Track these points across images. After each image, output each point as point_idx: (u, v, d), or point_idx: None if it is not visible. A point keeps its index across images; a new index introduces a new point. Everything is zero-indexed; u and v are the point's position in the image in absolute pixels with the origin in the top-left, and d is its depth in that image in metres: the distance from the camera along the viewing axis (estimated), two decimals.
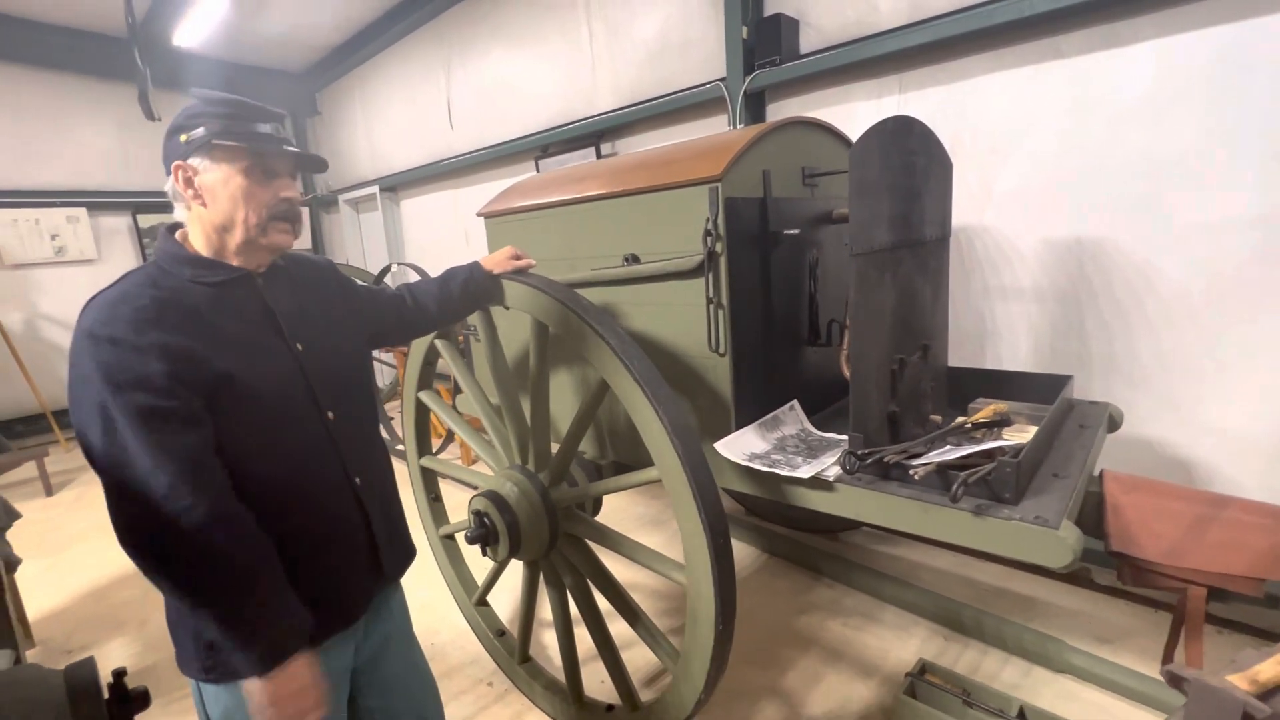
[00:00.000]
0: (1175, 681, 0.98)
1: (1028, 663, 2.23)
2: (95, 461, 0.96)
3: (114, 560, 3.57)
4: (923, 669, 2.08)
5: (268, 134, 1.13)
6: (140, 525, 0.96)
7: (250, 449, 1.08)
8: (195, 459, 0.98)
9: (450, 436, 4.72)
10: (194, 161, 1.10)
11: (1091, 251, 2.52)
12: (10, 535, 2.63)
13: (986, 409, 1.86)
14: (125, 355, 0.96)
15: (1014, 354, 2.79)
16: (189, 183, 1.11)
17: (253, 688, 1.01)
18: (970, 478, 1.37)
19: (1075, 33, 2.46)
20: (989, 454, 1.51)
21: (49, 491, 4.80)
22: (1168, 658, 1.54)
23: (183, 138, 1.10)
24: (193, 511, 0.95)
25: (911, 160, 1.76)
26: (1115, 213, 2.45)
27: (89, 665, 1.23)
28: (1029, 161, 2.63)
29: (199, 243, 1.14)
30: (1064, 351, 2.65)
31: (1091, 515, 1.62)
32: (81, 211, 6.46)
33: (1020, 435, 1.77)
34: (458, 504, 2.81)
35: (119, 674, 1.24)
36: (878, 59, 2.92)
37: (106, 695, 1.22)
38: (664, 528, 3.54)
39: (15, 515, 2.64)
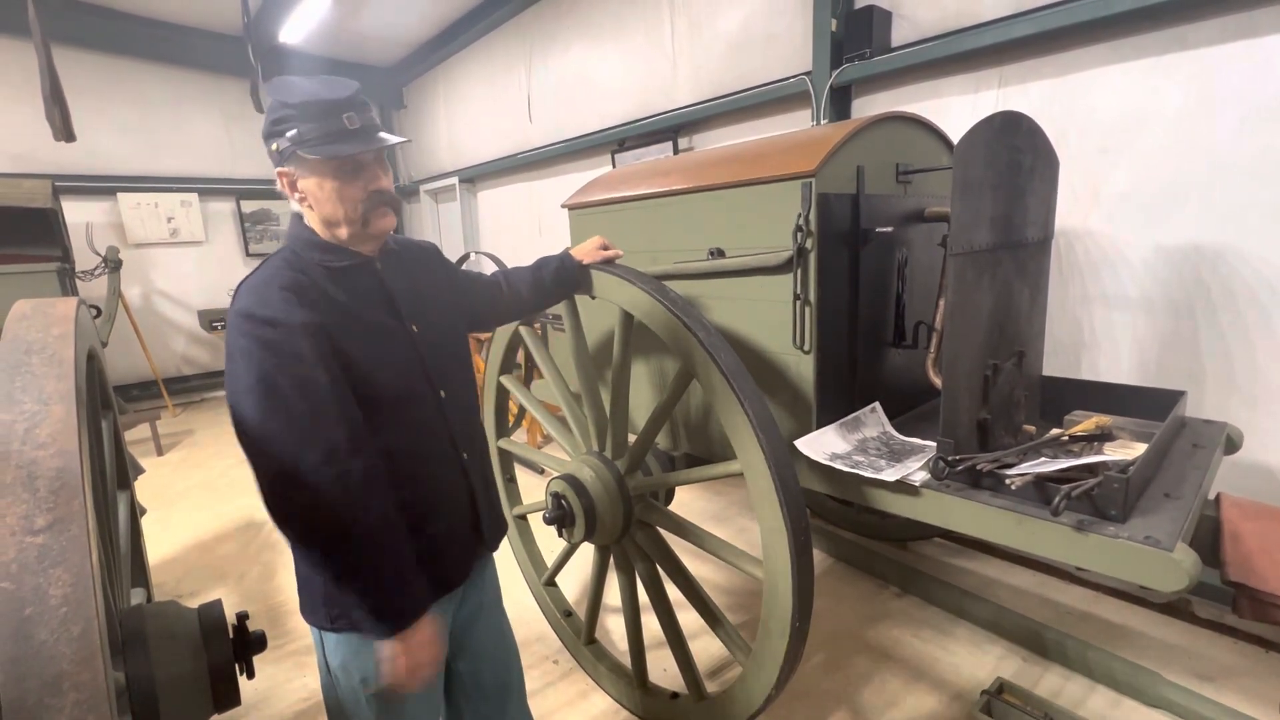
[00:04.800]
0: None
1: (1116, 693, 2.10)
2: (248, 431, 1.03)
3: (217, 517, 3.90)
4: (1000, 688, 2.00)
5: (341, 131, 1.10)
6: (290, 494, 1.02)
7: (371, 424, 1.15)
8: (351, 426, 1.06)
9: (518, 421, 4.88)
10: (289, 168, 1.14)
11: (1212, 261, 2.33)
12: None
13: (1087, 422, 1.77)
14: (283, 333, 1.04)
15: (1114, 366, 2.62)
16: (293, 186, 1.16)
17: (382, 643, 1.10)
18: (1074, 491, 1.31)
19: (1205, 22, 2.28)
20: (1091, 468, 1.44)
21: (159, 451, 5.28)
22: None
23: (273, 147, 1.13)
24: (348, 477, 1.03)
25: (1018, 158, 1.69)
26: (1243, 220, 2.25)
27: (218, 606, 1.36)
28: (1143, 162, 2.46)
29: (319, 232, 1.19)
30: (1172, 366, 2.47)
31: (1205, 541, 1.52)
32: (193, 197, 7.04)
33: (1124, 451, 1.67)
34: (527, 486, 2.91)
35: (242, 617, 1.36)
36: (977, 51, 2.79)
37: (231, 635, 1.34)
38: (728, 524, 3.54)
39: (140, 470, 2.93)
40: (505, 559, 2.86)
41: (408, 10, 6.06)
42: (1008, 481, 1.41)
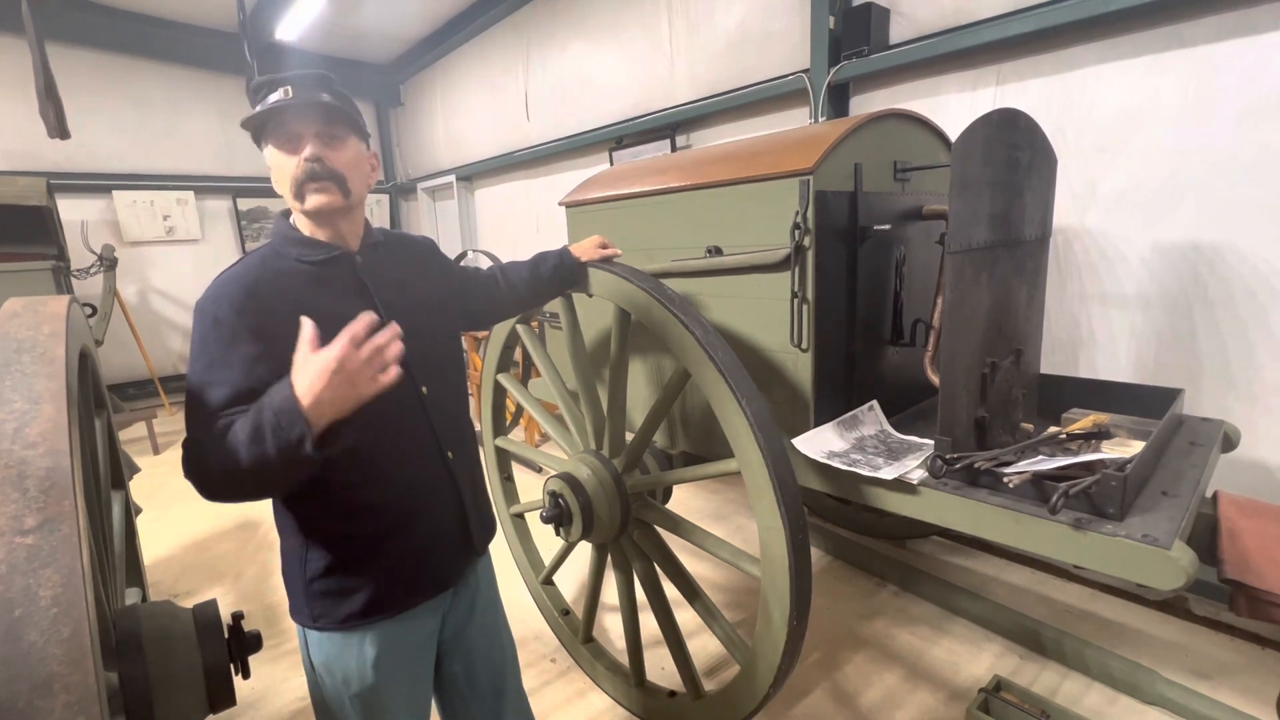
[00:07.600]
0: None
1: (1114, 691, 2.10)
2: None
3: (214, 516, 3.89)
4: (998, 686, 2.00)
5: (277, 102, 1.11)
6: (189, 458, 1.02)
7: (348, 420, 1.13)
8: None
9: (515, 419, 4.87)
10: (263, 154, 1.17)
11: (1209, 258, 2.33)
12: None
13: (1085, 420, 1.77)
14: (222, 333, 1.06)
15: (1112, 364, 2.62)
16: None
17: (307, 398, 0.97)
18: (1071, 489, 1.31)
19: (1203, 19, 2.27)
20: (1089, 466, 1.44)
21: (156, 450, 5.26)
22: None
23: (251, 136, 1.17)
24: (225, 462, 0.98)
25: (1016, 155, 1.69)
26: (1241, 217, 2.25)
27: (213, 606, 1.35)
28: (1141, 159, 2.46)
29: (299, 226, 1.20)
30: (1170, 364, 2.47)
31: (1202, 538, 1.52)
32: (189, 195, 7.00)
33: (1122, 449, 1.67)
34: (525, 484, 2.90)
35: (237, 616, 1.35)
36: (975, 49, 2.79)
37: (226, 635, 1.34)
38: (726, 522, 3.54)
39: (135, 469, 2.92)
40: (502, 557, 2.85)
41: (404, 7, 6.04)
42: (1005, 480, 1.41)
